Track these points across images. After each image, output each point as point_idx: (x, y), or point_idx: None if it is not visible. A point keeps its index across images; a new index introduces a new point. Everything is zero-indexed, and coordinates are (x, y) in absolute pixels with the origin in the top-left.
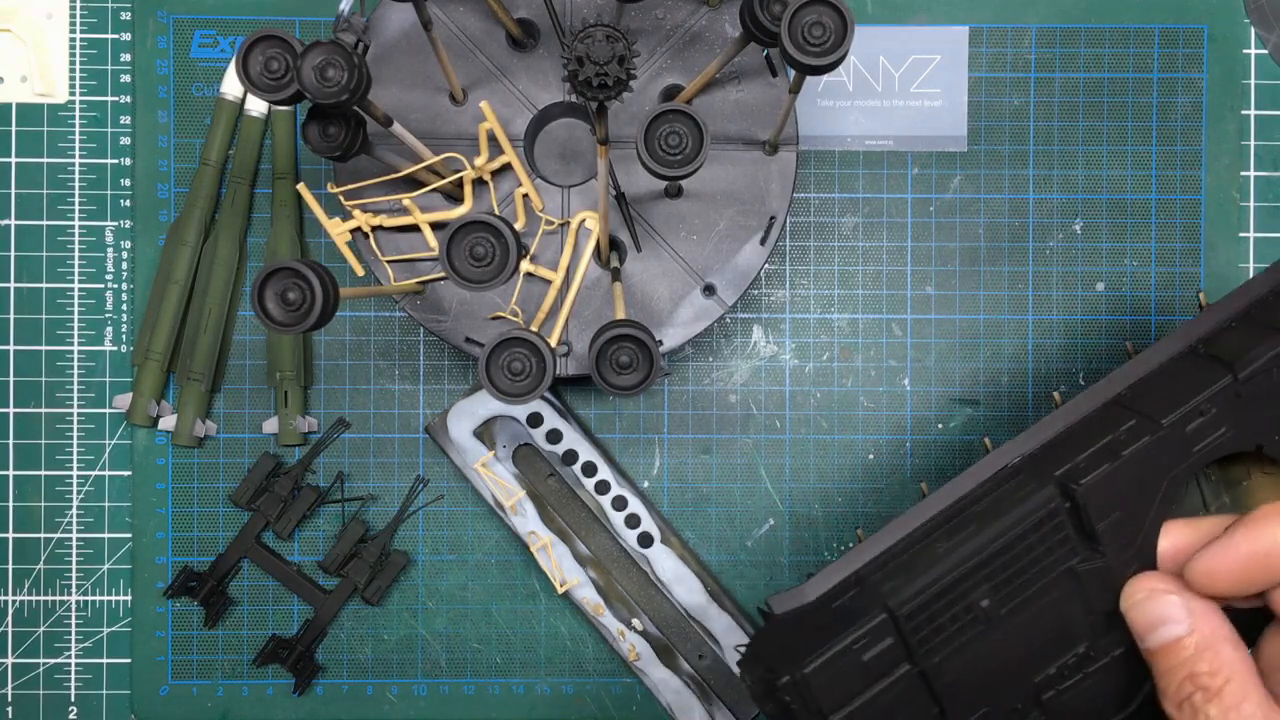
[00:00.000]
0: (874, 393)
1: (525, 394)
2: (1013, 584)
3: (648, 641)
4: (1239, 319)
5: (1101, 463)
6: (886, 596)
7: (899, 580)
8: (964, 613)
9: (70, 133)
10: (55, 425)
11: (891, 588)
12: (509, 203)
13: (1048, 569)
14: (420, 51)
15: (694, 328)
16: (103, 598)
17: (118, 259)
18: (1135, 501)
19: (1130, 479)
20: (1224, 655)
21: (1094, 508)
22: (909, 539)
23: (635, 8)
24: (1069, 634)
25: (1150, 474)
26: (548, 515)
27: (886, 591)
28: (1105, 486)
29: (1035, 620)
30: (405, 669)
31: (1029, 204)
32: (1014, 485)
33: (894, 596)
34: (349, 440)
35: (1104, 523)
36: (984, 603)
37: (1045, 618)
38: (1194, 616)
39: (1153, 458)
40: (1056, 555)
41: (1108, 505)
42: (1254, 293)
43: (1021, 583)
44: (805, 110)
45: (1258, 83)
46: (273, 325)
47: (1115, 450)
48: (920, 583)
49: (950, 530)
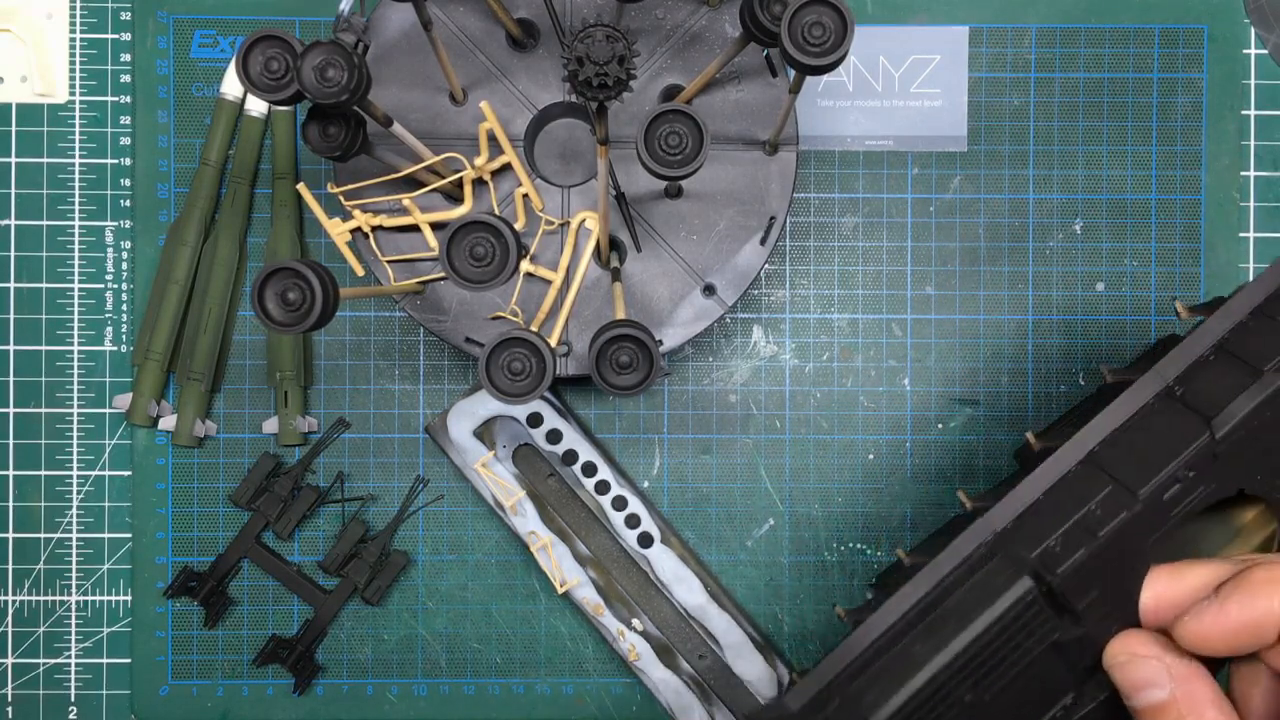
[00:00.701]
0: (874, 393)
1: (525, 394)
2: (994, 674)
3: (648, 641)
4: (1216, 350)
5: (1078, 545)
6: (868, 710)
7: (879, 690)
8: (948, 710)
9: (70, 133)
10: (55, 425)
11: (872, 700)
12: (509, 203)
13: (1028, 650)
14: (420, 51)
15: (694, 328)
16: (103, 598)
17: (118, 259)
18: (1114, 574)
19: (1108, 556)
20: (1207, 718)
21: (1072, 591)
22: (887, 636)
23: (635, 8)
24: (1051, 690)
25: (1128, 546)
26: (548, 515)
27: (868, 705)
28: (1083, 570)
29: (1018, 693)
30: (405, 669)
31: (1029, 204)
32: (987, 574)
33: (876, 711)
34: (349, 440)
35: (1084, 602)
36: (967, 698)
37: (1028, 688)
38: (1175, 681)
39: (1130, 531)
40: (1037, 636)
41: (1086, 584)
42: (1231, 318)
43: (1003, 669)
44: (805, 110)
45: (1258, 83)
46: (273, 325)
47: (1090, 529)
48: (902, 695)
49: (927, 630)
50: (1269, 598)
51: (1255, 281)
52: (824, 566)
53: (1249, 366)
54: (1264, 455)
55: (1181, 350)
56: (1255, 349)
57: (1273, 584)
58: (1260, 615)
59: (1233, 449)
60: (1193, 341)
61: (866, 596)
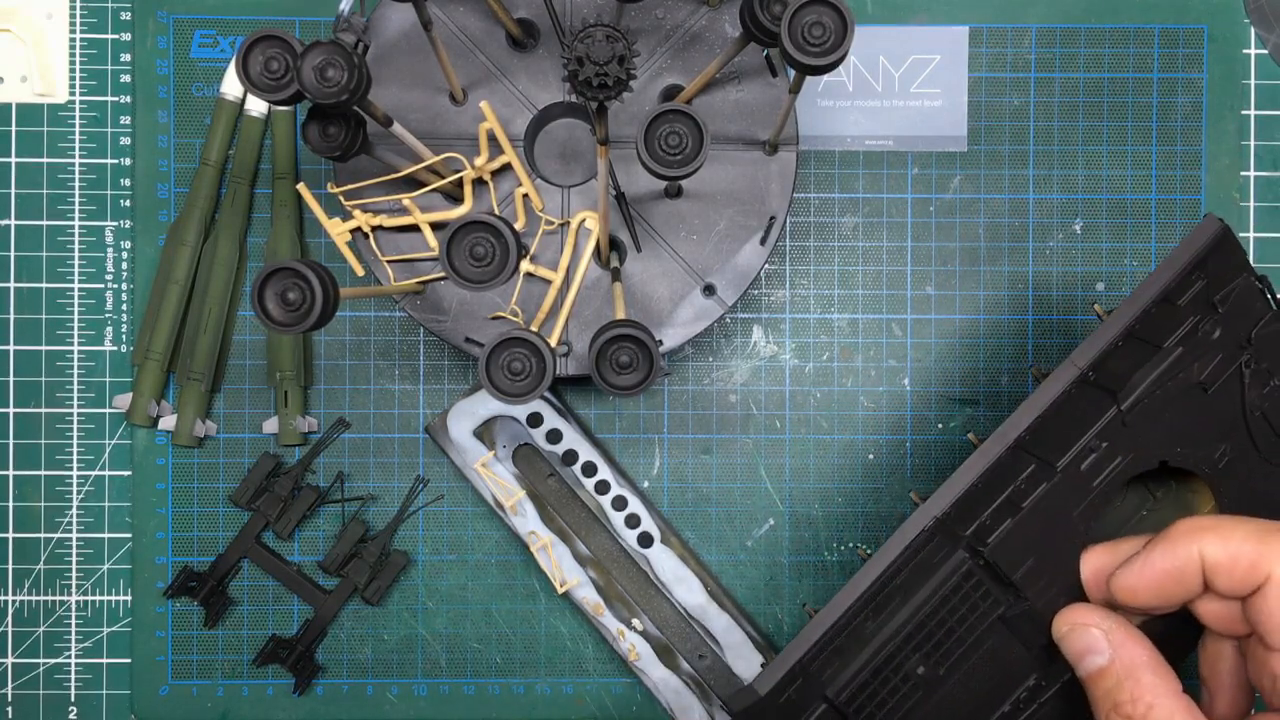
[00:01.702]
0: (874, 393)
1: (525, 394)
2: (944, 646)
3: (648, 641)
4: (1125, 337)
5: (1005, 518)
6: (825, 685)
7: (834, 666)
8: (902, 683)
9: (70, 133)
10: (55, 425)
11: (829, 675)
12: (509, 203)
13: (975, 625)
14: (420, 51)
15: (694, 328)
16: (103, 598)
17: (118, 259)
18: (1046, 545)
19: (1036, 527)
20: (1144, 682)
21: (1005, 562)
22: (844, 619)
23: (635, 8)
24: (1015, 672)
25: (1055, 517)
26: (548, 515)
27: (825, 680)
28: (1012, 540)
29: (976, 670)
30: (405, 669)
31: (1029, 204)
32: (928, 552)
33: (832, 684)
34: (349, 440)
35: (1019, 573)
36: (920, 670)
37: (985, 666)
38: (1114, 647)
39: (1054, 502)
40: (981, 610)
41: (1019, 556)
42: (1136, 306)
43: (952, 643)
44: (805, 110)
45: (1258, 83)
46: (273, 325)
47: (1016, 503)
48: (854, 667)
49: (876, 608)
50: (1189, 544)
51: (1156, 271)
52: (824, 566)
53: (1150, 345)
54: (1172, 424)
55: (1092, 340)
56: (1157, 330)
57: (1192, 533)
58: (1182, 562)
59: (1140, 418)
60: (1102, 331)
61: None
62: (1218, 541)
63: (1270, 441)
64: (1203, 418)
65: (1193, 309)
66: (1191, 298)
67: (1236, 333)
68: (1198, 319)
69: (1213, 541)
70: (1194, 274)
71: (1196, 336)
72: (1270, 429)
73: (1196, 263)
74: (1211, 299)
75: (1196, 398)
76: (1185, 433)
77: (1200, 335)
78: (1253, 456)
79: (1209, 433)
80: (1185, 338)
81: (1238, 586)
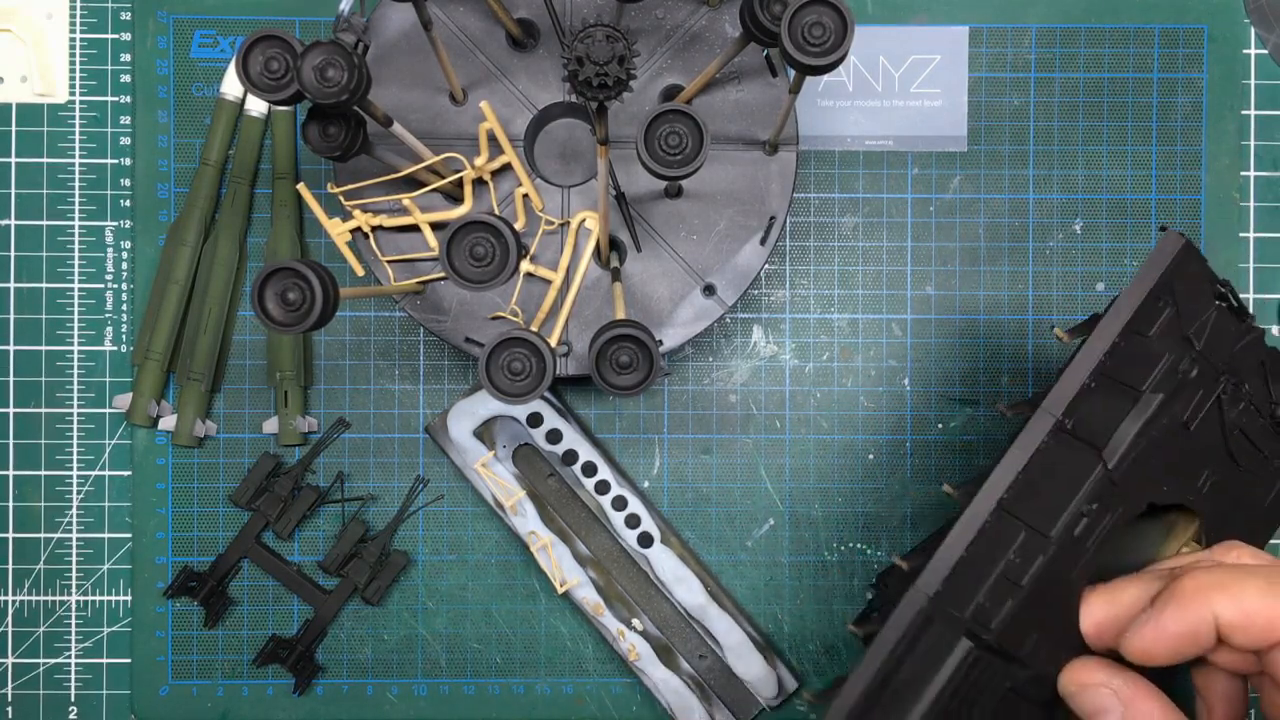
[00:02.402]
0: (874, 393)
1: (525, 394)
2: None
3: (648, 641)
4: (1097, 376)
5: (1005, 597)
6: None
7: None
8: None
9: (70, 133)
10: (55, 425)
11: None
12: (509, 203)
13: (986, 704)
14: (420, 51)
15: (694, 328)
16: (103, 598)
17: (118, 259)
18: (1048, 613)
19: (1036, 599)
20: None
21: (1010, 641)
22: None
23: (635, 8)
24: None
25: (1053, 583)
26: (548, 515)
27: None
28: (1015, 619)
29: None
30: (405, 669)
31: (1029, 204)
32: (928, 640)
33: None
34: (349, 440)
35: (1023, 649)
36: None
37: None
38: (1125, 704)
39: (1052, 571)
40: (990, 690)
41: (1022, 633)
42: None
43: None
44: (805, 110)
45: (1258, 83)
46: (273, 325)
47: (1014, 578)
48: None
49: (883, 712)
50: (1200, 606)
51: (1121, 299)
52: (824, 566)
53: (1128, 389)
54: (1158, 467)
55: (1065, 382)
56: (1131, 370)
57: (1201, 592)
58: (1195, 624)
59: (1128, 473)
60: (1073, 371)
61: (867, 597)
62: (1230, 602)
63: (1248, 453)
64: (1187, 453)
65: (1166, 344)
66: (1162, 328)
67: (1213, 363)
68: (1174, 358)
69: (1225, 602)
70: (1161, 300)
71: (1176, 378)
72: (1248, 442)
73: (1162, 287)
74: (1184, 332)
75: (1180, 437)
76: (1171, 472)
77: (1180, 376)
78: (1232, 472)
79: (1193, 466)
80: (1163, 381)
81: (1254, 642)
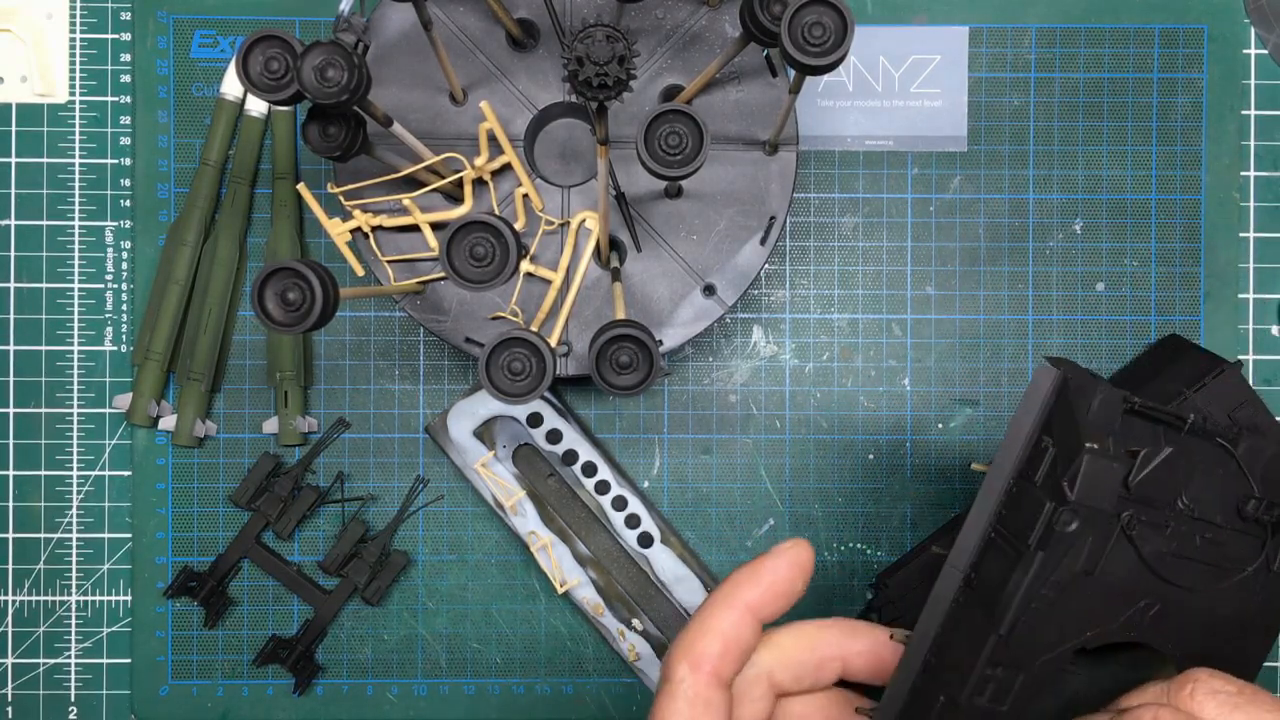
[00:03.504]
0: (874, 393)
1: (525, 394)
2: None
3: (648, 641)
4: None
5: None
6: None
7: None
8: None
9: (70, 133)
10: (55, 425)
11: None
12: (509, 203)
13: None
14: (420, 51)
15: (694, 328)
16: (103, 598)
17: (118, 259)
18: None
19: None
20: None
21: None
22: None
23: (635, 8)
24: None
25: None
26: (548, 515)
27: None
28: None
29: None
30: (405, 669)
31: (1029, 204)
32: None
33: None
34: (349, 440)
35: None
36: None
37: None
38: None
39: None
40: None
41: None
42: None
43: None
44: (805, 110)
45: (1258, 83)
46: (273, 325)
47: None
48: None
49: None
50: None
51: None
52: (824, 566)
53: (1013, 545)
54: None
55: (966, 532)
56: (1017, 522)
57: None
58: None
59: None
60: (973, 522)
61: (867, 596)
62: None
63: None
64: (1102, 593)
65: (1048, 491)
66: (1045, 474)
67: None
68: (1053, 507)
69: None
70: (1042, 441)
71: (1054, 533)
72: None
73: (1043, 426)
74: (1059, 477)
75: (1083, 582)
76: (1090, 613)
77: (1058, 531)
78: (1179, 595)
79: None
80: (1043, 538)
81: None
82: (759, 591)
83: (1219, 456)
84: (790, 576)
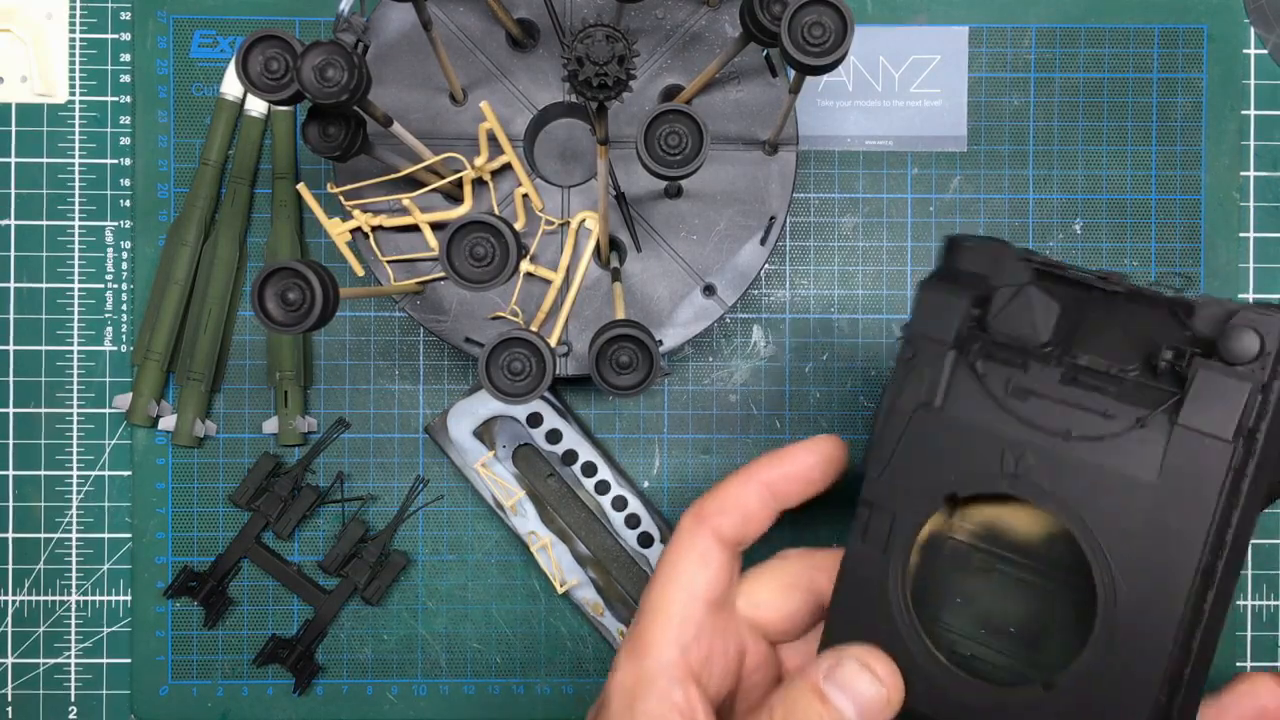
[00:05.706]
0: (874, 393)
1: (525, 394)
2: None
3: None
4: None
5: None
6: None
7: None
8: None
9: (70, 133)
10: (55, 425)
11: None
12: (509, 203)
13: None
14: (420, 51)
15: (694, 328)
16: (103, 598)
17: (118, 259)
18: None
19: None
20: None
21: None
22: None
23: (635, 8)
24: None
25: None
26: (548, 515)
27: None
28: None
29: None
30: (405, 669)
31: (1029, 204)
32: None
33: None
34: (349, 440)
35: None
36: None
37: None
38: None
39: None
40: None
41: None
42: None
43: None
44: (805, 110)
45: (1258, 83)
46: (273, 325)
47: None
48: None
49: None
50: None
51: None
52: None
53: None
54: (921, 464)
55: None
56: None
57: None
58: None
59: (893, 472)
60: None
61: None
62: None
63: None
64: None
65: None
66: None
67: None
68: (900, 338)
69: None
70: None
71: (900, 363)
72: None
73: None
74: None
75: (936, 419)
76: (951, 454)
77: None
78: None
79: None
80: (894, 368)
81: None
82: (777, 471)
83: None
84: (811, 464)
